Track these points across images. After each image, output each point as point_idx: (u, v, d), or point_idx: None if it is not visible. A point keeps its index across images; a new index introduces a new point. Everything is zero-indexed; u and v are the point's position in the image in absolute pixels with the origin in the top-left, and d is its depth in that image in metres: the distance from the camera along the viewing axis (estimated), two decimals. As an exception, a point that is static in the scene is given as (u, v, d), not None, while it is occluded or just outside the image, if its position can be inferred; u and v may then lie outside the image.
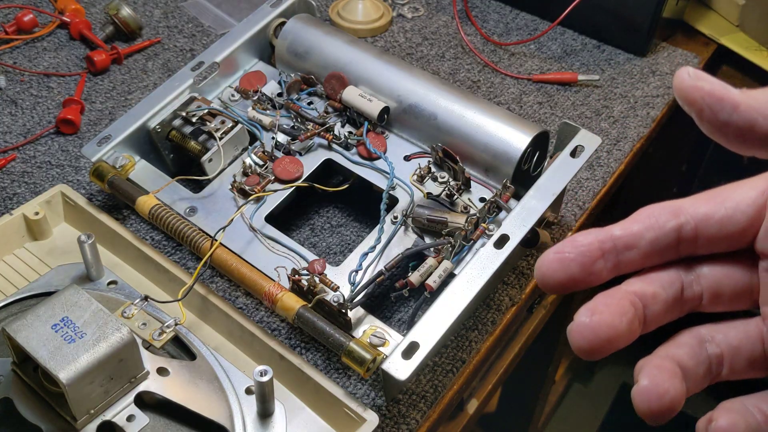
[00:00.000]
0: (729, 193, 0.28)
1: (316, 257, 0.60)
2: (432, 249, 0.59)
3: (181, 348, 0.58)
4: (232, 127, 0.67)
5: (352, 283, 0.58)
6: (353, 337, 0.55)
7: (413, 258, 0.60)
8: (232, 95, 0.72)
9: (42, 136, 0.76)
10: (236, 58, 0.74)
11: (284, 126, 0.69)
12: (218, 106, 0.69)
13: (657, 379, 0.27)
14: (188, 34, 0.89)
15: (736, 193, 0.28)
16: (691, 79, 0.28)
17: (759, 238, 0.28)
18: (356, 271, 0.59)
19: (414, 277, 0.57)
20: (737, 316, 0.30)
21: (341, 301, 0.57)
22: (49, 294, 0.58)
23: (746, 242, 0.29)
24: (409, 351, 0.51)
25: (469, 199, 0.64)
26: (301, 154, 0.68)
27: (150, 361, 0.53)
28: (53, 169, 0.73)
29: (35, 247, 0.66)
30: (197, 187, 0.67)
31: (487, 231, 0.60)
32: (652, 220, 0.29)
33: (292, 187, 0.65)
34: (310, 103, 0.71)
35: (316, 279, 0.57)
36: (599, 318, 0.27)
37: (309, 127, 0.69)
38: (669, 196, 0.30)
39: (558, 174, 0.61)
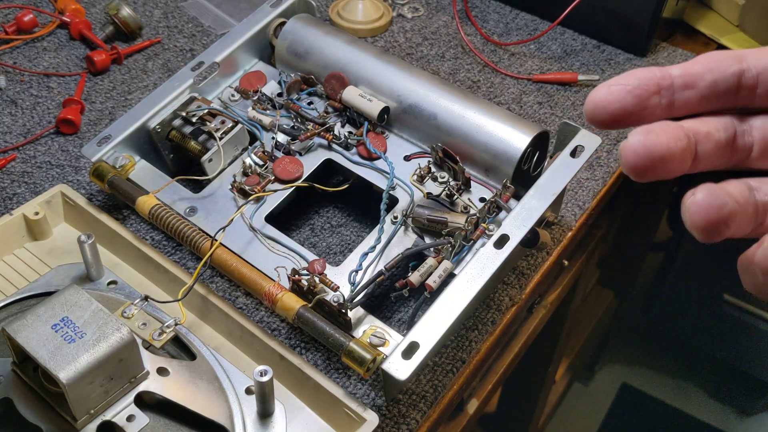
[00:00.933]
0: None
1: (316, 257, 0.60)
2: (432, 249, 0.59)
3: (181, 348, 0.58)
4: (232, 127, 0.67)
5: (352, 283, 0.58)
6: (353, 337, 0.55)
7: (413, 258, 0.60)
8: (232, 95, 0.72)
9: (42, 136, 0.76)
10: (236, 58, 0.74)
11: (284, 126, 0.69)
12: (218, 106, 0.69)
13: (711, 195, 0.26)
14: (188, 34, 0.89)
15: None
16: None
17: None
18: (356, 271, 0.59)
19: (414, 277, 0.57)
20: None
21: (341, 301, 0.57)
22: (49, 294, 0.58)
23: None
24: (409, 351, 0.51)
25: (469, 199, 0.64)
26: (301, 154, 0.68)
27: (150, 361, 0.53)
28: (53, 169, 0.73)
29: (35, 247, 0.66)
30: (197, 187, 0.67)
31: (487, 231, 0.60)
32: (714, 63, 0.28)
33: (292, 187, 0.65)
34: (310, 103, 0.71)
35: (316, 279, 0.57)
36: (655, 137, 0.26)
37: (309, 127, 0.69)
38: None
39: (558, 174, 0.61)
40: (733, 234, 0.27)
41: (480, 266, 0.55)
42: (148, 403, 0.52)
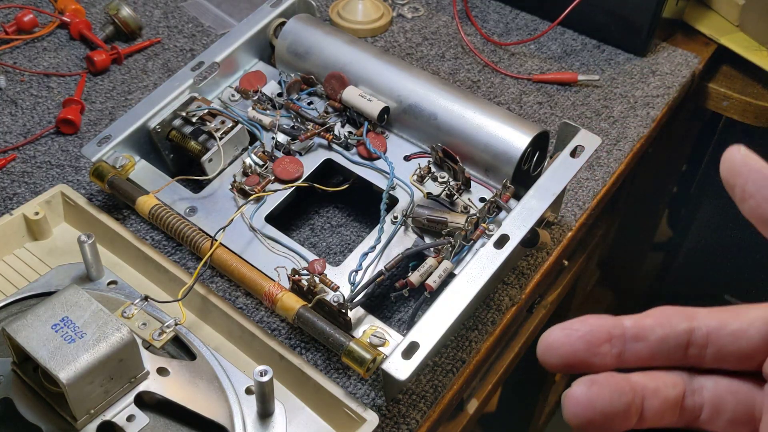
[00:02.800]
0: (746, 310, 0.28)
1: (316, 257, 0.60)
2: (432, 249, 0.59)
3: (181, 348, 0.58)
4: (232, 127, 0.67)
5: (352, 283, 0.58)
6: (353, 337, 0.55)
7: (413, 258, 0.60)
8: (232, 95, 0.72)
9: (42, 136, 0.76)
10: (236, 58, 0.74)
11: (284, 126, 0.69)
12: (218, 106, 0.69)
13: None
14: (188, 34, 0.89)
15: (752, 311, 0.28)
16: (742, 156, 0.28)
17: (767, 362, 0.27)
18: (356, 271, 0.59)
19: (414, 277, 0.57)
20: None
21: (341, 301, 0.57)
22: (49, 294, 0.58)
23: (755, 364, 0.28)
24: (409, 351, 0.51)
25: (469, 199, 0.64)
26: (301, 154, 0.68)
27: (150, 361, 0.53)
28: (53, 169, 0.73)
29: (35, 247, 0.66)
30: (197, 187, 0.67)
31: (487, 231, 0.60)
32: (665, 318, 0.28)
33: (292, 187, 0.65)
34: (310, 103, 0.71)
35: (316, 279, 0.57)
36: (598, 390, 0.26)
37: (309, 127, 0.69)
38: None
39: (558, 174, 0.61)
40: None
41: (480, 266, 0.55)
42: (148, 403, 0.52)
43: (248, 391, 0.55)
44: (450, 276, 0.58)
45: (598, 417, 0.26)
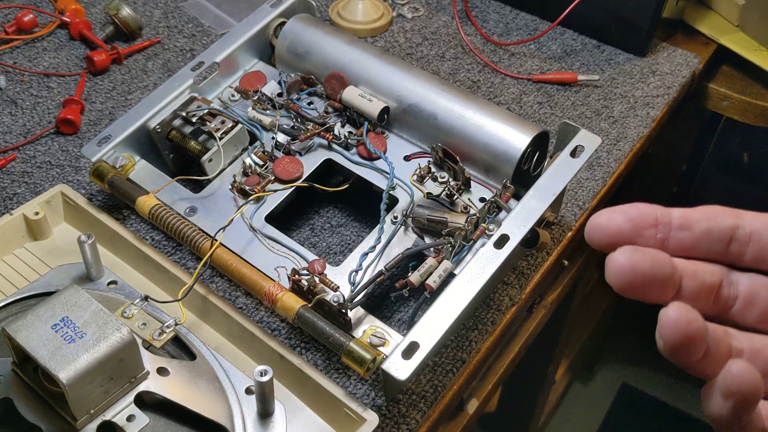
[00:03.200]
0: None
1: (316, 257, 0.60)
2: (432, 249, 0.59)
3: (181, 348, 0.58)
4: (232, 127, 0.67)
5: (352, 283, 0.58)
6: (353, 337, 0.55)
7: (413, 258, 0.60)
8: (232, 95, 0.73)
9: (42, 136, 0.76)
10: (236, 58, 0.74)
11: (284, 126, 0.69)
12: (218, 106, 0.69)
13: (684, 310, 0.27)
14: (188, 34, 0.89)
15: None
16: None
17: None
18: (356, 271, 0.59)
19: (414, 277, 0.57)
20: None
21: (341, 301, 0.57)
22: (49, 294, 0.58)
23: None
24: (409, 351, 0.51)
25: (469, 199, 0.64)
26: (301, 154, 0.68)
27: (150, 361, 0.53)
28: (53, 169, 0.73)
29: (35, 247, 0.66)
30: (197, 187, 0.67)
31: (487, 231, 0.60)
32: (713, 213, 0.29)
33: (292, 187, 0.65)
34: (310, 103, 0.71)
35: (316, 279, 0.57)
36: (641, 256, 0.27)
37: (309, 127, 0.69)
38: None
39: (558, 174, 0.61)
40: (702, 370, 0.28)
41: (480, 266, 0.55)
42: (148, 403, 0.52)
43: (248, 391, 0.55)
44: (450, 276, 0.58)
45: (638, 279, 0.27)
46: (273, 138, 0.68)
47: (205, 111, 0.68)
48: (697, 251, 0.29)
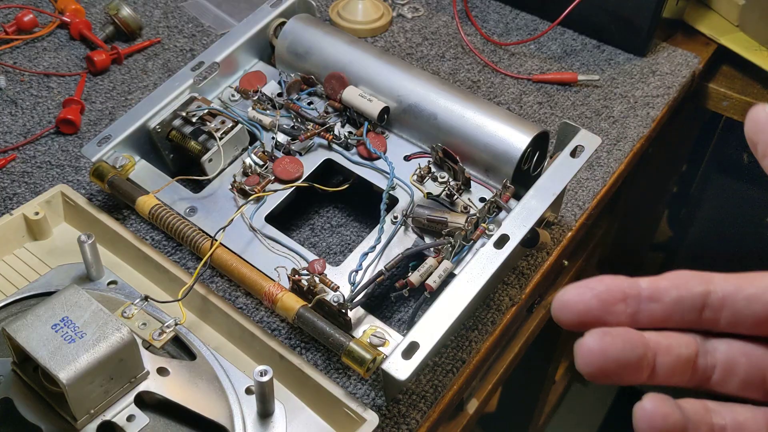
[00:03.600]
0: (762, 276, 0.28)
1: (316, 257, 0.60)
2: (432, 249, 0.59)
3: (181, 348, 0.58)
4: (232, 127, 0.67)
5: (352, 283, 0.58)
6: (353, 337, 0.55)
7: (413, 258, 0.60)
8: (232, 95, 0.73)
9: (42, 136, 0.76)
10: (236, 58, 0.74)
11: (284, 126, 0.69)
12: (218, 106, 0.69)
13: (660, 403, 0.26)
14: (188, 34, 0.89)
15: None
16: (766, 114, 0.28)
17: None
18: (356, 271, 0.59)
19: (414, 277, 0.57)
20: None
21: (341, 301, 0.57)
22: (49, 294, 0.58)
23: None
24: (409, 351, 0.51)
25: (469, 199, 0.64)
26: (301, 154, 0.68)
27: (150, 361, 0.53)
28: (53, 169, 0.73)
29: (35, 247, 0.66)
30: (197, 187, 0.67)
31: (487, 231, 0.60)
32: (681, 280, 0.28)
33: (292, 187, 0.65)
34: (310, 103, 0.71)
35: (316, 279, 0.57)
36: (611, 339, 0.26)
37: (309, 127, 0.69)
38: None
39: (558, 174, 0.61)
40: None
41: (480, 266, 0.55)
42: (148, 403, 0.52)
43: (248, 391, 0.55)
44: (450, 276, 0.58)
45: (610, 365, 0.26)
46: (273, 138, 0.68)
47: (205, 111, 0.68)
48: (669, 322, 0.28)
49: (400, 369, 0.50)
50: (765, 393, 0.29)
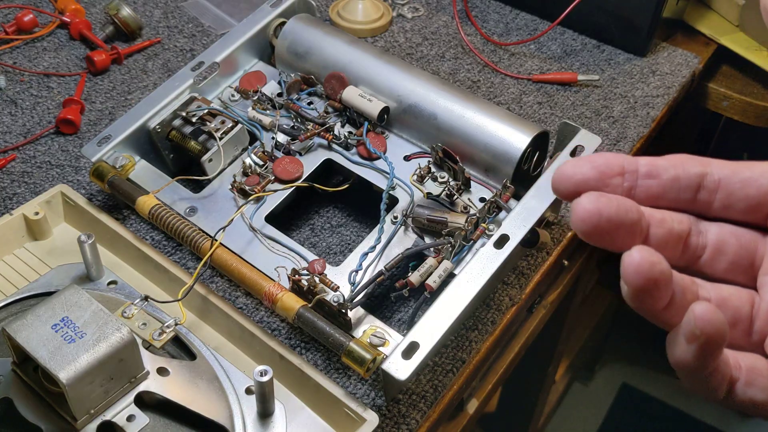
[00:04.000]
0: (759, 163, 0.29)
1: (316, 257, 0.60)
2: (432, 249, 0.59)
3: (181, 348, 0.58)
4: (232, 127, 0.67)
5: (352, 283, 0.58)
6: (353, 337, 0.55)
7: (413, 258, 0.60)
8: (232, 95, 0.73)
9: (42, 136, 0.76)
10: (236, 58, 0.74)
11: (284, 126, 0.69)
12: (218, 106, 0.69)
13: (648, 253, 0.26)
14: (188, 34, 0.89)
15: (766, 164, 0.29)
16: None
17: None
18: (356, 271, 0.59)
19: (414, 277, 0.57)
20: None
21: (341, 301, 0.57)
22: (49, 294, 0.58)
23: (761, 216, 0.29)
24: (409, 351, 0.51)
25: (469, 199, 0.64)
26: (301, 154, 0.68)
27: (150, 361, 0.53)
28: (53, 169, 0.73)
29: (35, 247, 0.66)
30: (197, 187, 0.67)
31: (487, 231, 0.60)
32: (680, 161, 0.29)
33: (292, 187, 0.65)
34: (310, 103, 0.71)
35: (316, 279, 0.57)
36: (606, 201, 0.27)
37: (309, 127, 0.69)
38: None
39: (558, 174, 0.61)
40: (668, 319, 0.27)
41: (480, 266, 0.55)
42: (148, 403, 0.52)
43: (248, 391, 0.55)
44: (450, 276, 0.58)
45: (603, 224, 0.27)
46: (273, 138, 0.68)
47: (205, 111, 0.68)
48: (664, 200, 0.29)
49: (400, 369, 0.50)
50: (751, 278, 0.29)
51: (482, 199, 0.64)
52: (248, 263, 0.60)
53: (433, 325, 0.52)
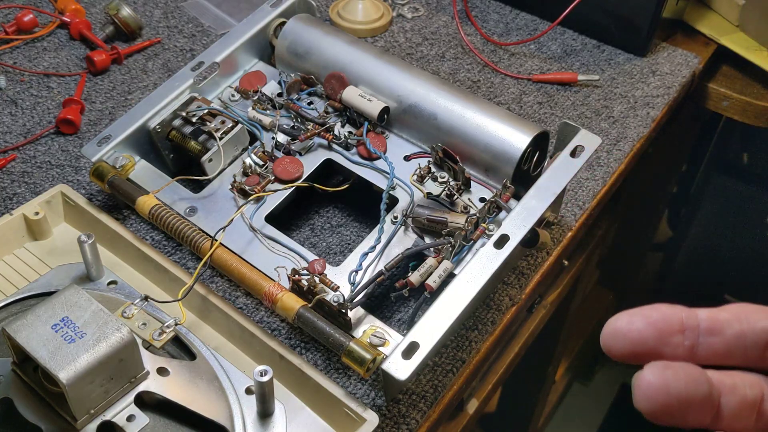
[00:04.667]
0: None
1: (316, 257, 0.60)
2: (432, 249, 0.59)
3: (181, 348, 0.58)
4: (232, 127, 0.67)
5: (352, 283, 0.58)
6: (353, 337, 0.55)
7: (413, 258, 0.60)
8: (232, 95, 0.73)
9: (42, 136, 0.76)
10: (236, 58, 0.74)
11: (284, 126, 0.69)
12: (218, 106, 0.69)
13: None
14: (188, 34, 0.89)
15: None
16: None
17: None
18: (356, 271, 0.59)
19: (414, 277, 0.57)
20: None
21: (341, 301, 0.57)
22: (49, 294, 0.58)
23: None
24: (409, 351, 0.51)
25: (469, 199, 0.64)
26: (301, 154, 0.68)
27: (150, 361, 0.53)
28: (53, 169, 0.73)
29: (35, 247, 0.66)
30: (197, 187, 0.67)
31: (487, 231, 0.60)
32: (744, 313, 0.26)
33: (292, 187, 0.65)
34: (310, 103, 0.71)
35: (316, 279, 0.57)
36: (673, 374, 0.24)
37: (309, 127, 0.69)
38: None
39: (558, 174, 0.61)
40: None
41: (480, 266, 0.55)
42: (148, 403, 0.52)
43: (248, 391, 0.55)
44: (450, 276, 0.58)
45: (673, 402, 0.24)
46: (273, 138, 0.68)
47: (205, 111, 0.68)
48: (730, 359, 0.26)
49: (400, 369, 0.50)
50: None
51: (482, 199, 0.64)
52: (248, 263, 0.60)
53: (433, 325, 0.52)
